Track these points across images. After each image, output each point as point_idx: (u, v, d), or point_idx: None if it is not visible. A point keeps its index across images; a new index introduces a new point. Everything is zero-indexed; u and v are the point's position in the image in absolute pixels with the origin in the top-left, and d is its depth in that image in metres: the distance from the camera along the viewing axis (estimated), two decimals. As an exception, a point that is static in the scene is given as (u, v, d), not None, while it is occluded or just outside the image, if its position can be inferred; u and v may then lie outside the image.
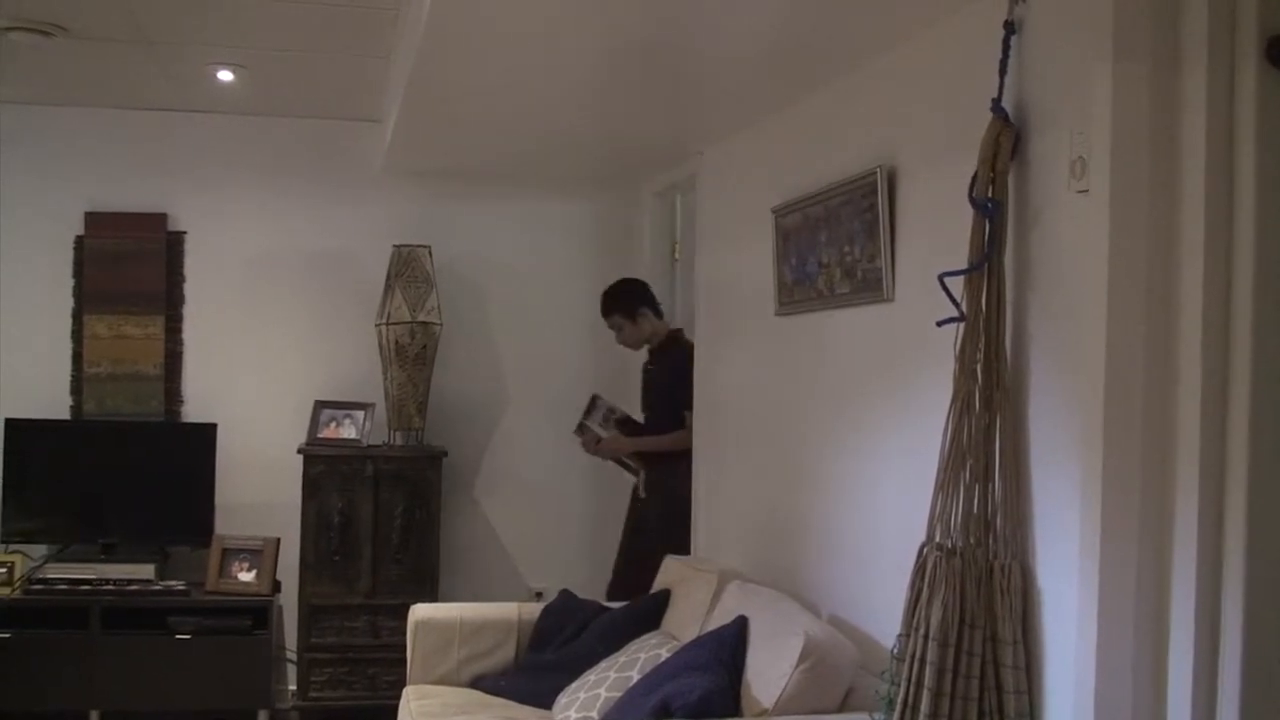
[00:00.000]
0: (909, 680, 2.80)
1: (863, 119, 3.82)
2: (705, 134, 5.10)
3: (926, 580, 2.83)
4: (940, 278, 2.89)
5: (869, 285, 3.66)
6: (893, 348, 3.56)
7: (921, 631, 2.79)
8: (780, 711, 3.28)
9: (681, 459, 5.49)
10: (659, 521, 5.54)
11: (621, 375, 6.35)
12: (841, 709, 3.32)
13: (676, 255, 6.20)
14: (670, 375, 5.57)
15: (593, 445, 5.70)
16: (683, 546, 5.35)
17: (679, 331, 5.71)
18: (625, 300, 5.65)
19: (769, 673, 3.39)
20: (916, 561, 2.88)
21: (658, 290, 6.20)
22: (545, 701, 4.20)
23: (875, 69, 3.73)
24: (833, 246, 3.90)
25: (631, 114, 4.78)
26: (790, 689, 3.28)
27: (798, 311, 4.27)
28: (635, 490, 5.72)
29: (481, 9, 3.46)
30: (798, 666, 3.28)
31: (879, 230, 3.56)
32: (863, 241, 3.68)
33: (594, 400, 5.79)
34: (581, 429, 5.72)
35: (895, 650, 2.91)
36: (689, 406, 5.45)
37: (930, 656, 2.75)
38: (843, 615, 3.79)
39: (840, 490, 3.90)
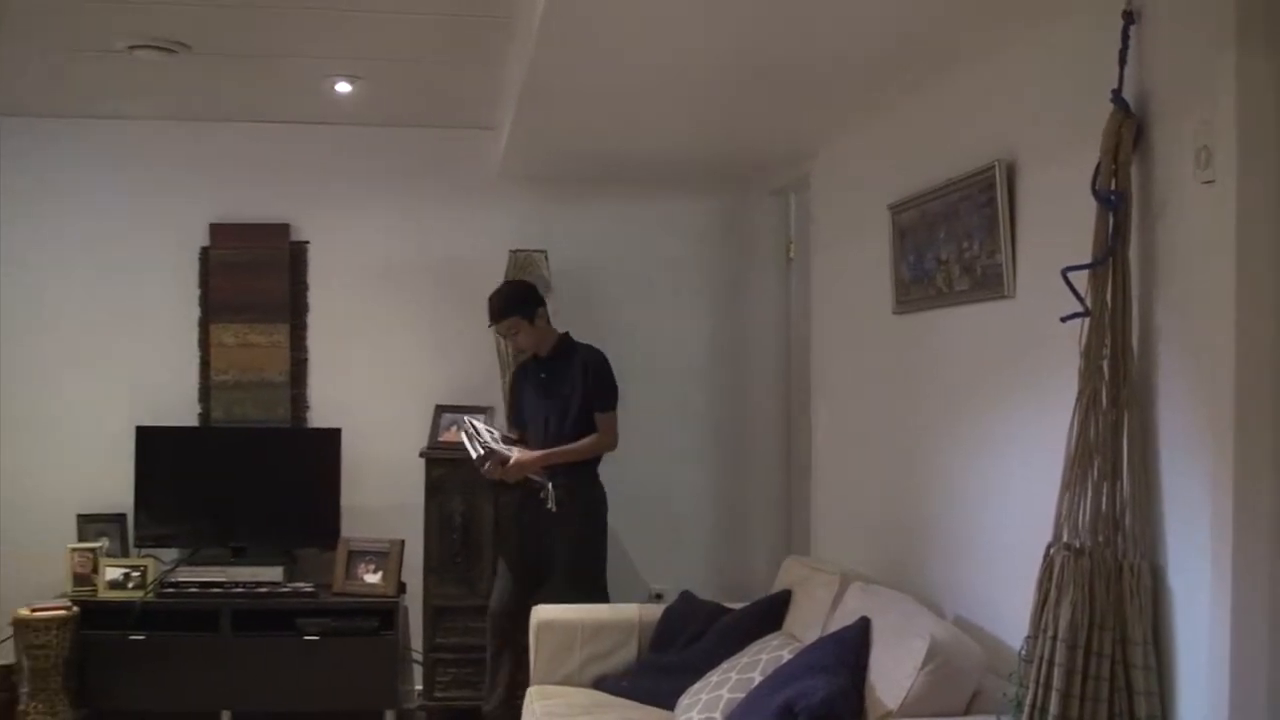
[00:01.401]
0: (1037, 682, 2.76)
1: (980, 113, 3.77)
2: (820, 132, 5.07)
3: (1054, 581, 2.78)
4: (1064, 273, 2.84)
5: (989, 282, 3.61)
6: (1015, 345, 3.50)
7: (1049, 633, 2.75)
8: (905, 714, 3.25)
9: (591, 465, 5.36)
10: (577, 533, 5.27)
11: (731, 375, 6.35)
12: (967, 712, 3.27)
13: (791, 255, 6.16)
14: (580, 379, 5.31)
15: (499, 469, 5.22)
16: (601, 557, 5.35)
17: (568, 334, 5.46)
18: (521, 302, 5.33)
19: (893, 675, 3.35)
20: (1043, 562, 2.84)
21: (773, 290, 6.19)
22: (667, 702, 4.20)
23: (992, 62, 3.67)
24: (951, 243, 3.86)
25: (746, 114, 4.77)
26: (915, 691, 3.25)
27: (916, 309, 4.22)
28: (535, 503, 5.27)
29: (594, 15, 3.47)
30: (922, 668, 3.24)
31: (999, 225, 3.51)
32: (982, 237, 3.63)
33: (472, 425, 5.32)
34: (486, 456, 5.19)
35: (1022, 652, 2.87)
36: (604, 409, 5.33)
37: (1059, 658, 2.71)
38: (968, 617, 3.74)
39: (963, 490, 3.86)
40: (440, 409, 6.04)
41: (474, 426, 5.29)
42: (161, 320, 6.14)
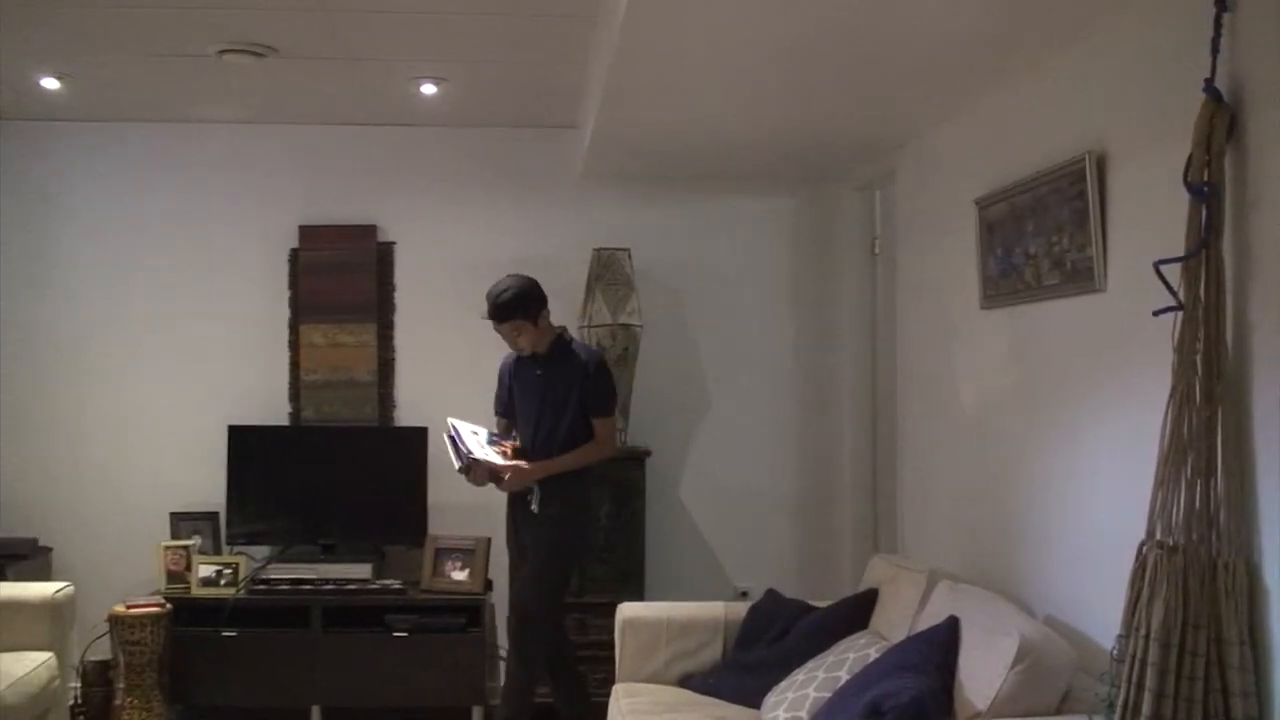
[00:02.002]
0: (1129, 682, 2.72)
1: (1068, 104, 3.72)
2: (906, 127, 5.03)
3: (1147, 579, 2.74)
4: (1156, 266, 2.80)
5: (1079, 275, 3.56)
6: (1106, 339, 3.46)
7: (1142, 632, 2.71)
8: (995, 714, 3.22)
9: (582, 470, 5.11)
10: (556, 537, 5.04)
11: (816, 372, 6.31)
12: (1059, 711, 3.24)
13: (876, 250, 6.12)
14: (580, 381, 5.04)
15: (484, 476, 5.02)
16: (570, 568, 5.22)
17: (564, 331, 5.18)
18: (527, 303, 4.99)
19: (982, 674, 3.32)
20: (1136, 560, 2.80)
21: (858, 286, 6.15)
22: (753, 700, 4.20)
23: (1080, 53, 3.63)
24: (1040, 236, 3.81)
25: (831, 109, 4.73)
26: (1005, 691, 3.22)
27: (1004, 304, 4.18)
28: (520, 506, 5.15)
29: (678, 10, 3.47)
30: (1012, 668, 3.21)
31: (1089, 218, 3.46)
32: (1072, 230, 3.59)
33: (455, 430, 5.06)
34: (468, 467, 4.97)
35: (1115, 651, 2.83)
36: (603, 413, 5.10)
37: (1152, 658, 2.67)
38: (1058, 615, 3.69)
39: (1053, 486, 3.81)
40: (525, 407, 6.08)
41: (457, 429, 5.05)
42: (253, 321, 6.24)
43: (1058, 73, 3.80)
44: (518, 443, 5.18)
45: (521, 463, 5.04)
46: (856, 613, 4.45)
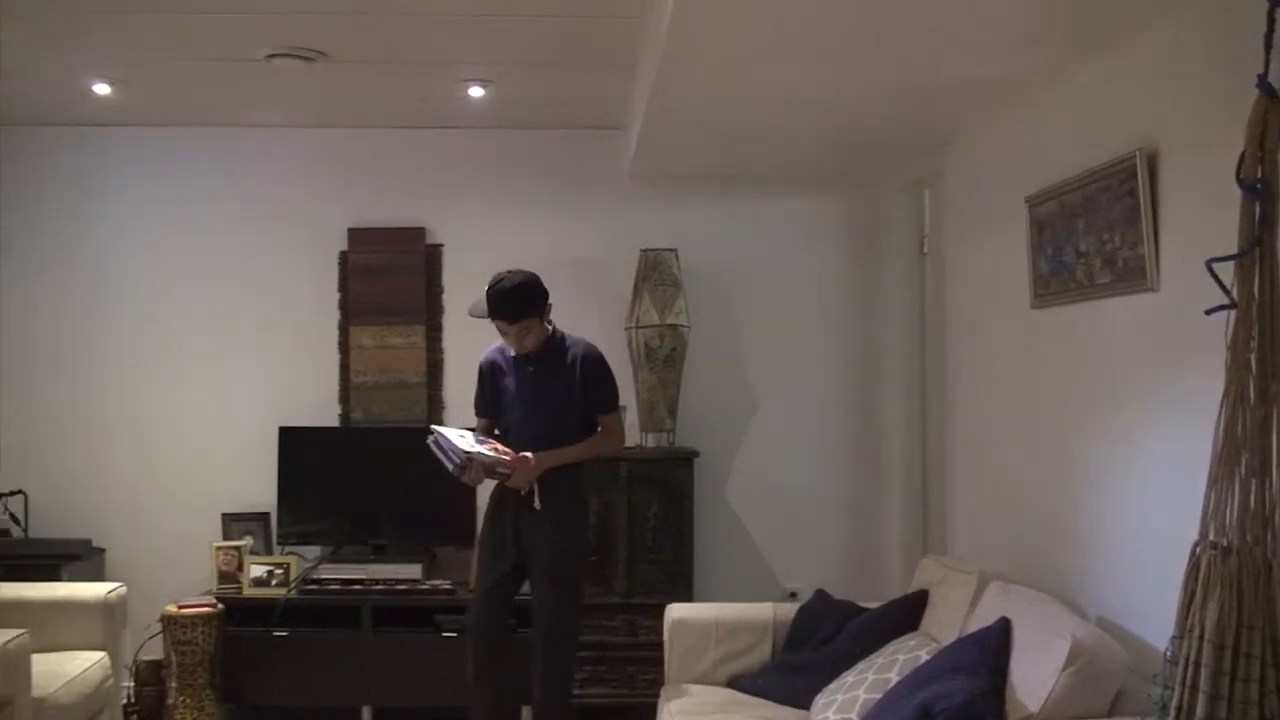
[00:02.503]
0: (1183, 684, 2.69)
1: (1119, 101, 3.69)
2: (954, 125, 5.00)
3: (1200, 580, 2.70)
4: (1208, 264, 2.77)
5: (1131, 274, 3.53)
6: (1158, 338, 3.43)
7: (1196, 633, 2.68)
8: (1047, 716, 3.20)
9: (576, 466, 4.80)
10: (572, 543, 4.78)
11: (864, 372, 6.29)
12: (1111, 714, 3.21)
13: (925, 250, 6.08)
14: (580, 376, 4.72)
15: (480, 473, 4.63)
16: (585, 562, 5.06)
17: (555, 326, 4.83)
18: (536, 301, 4.64)
19: (1034, 676, 3.30)
20: (1189, 560, 2.76)
21: (906, 285, 6.11)
22: (802, 702, 4.19)
23: (1131, 49, 3.59)
24: (1091, 235, 3.78)
25: (879, 108, 4.71)
26: (1057, 693, 3.20)
27: (1055, 303, 4.15)
28: (515, 501, 4.73)
29: (724, 13, 3.47)
30: (1064, 670, 3.19)
31: (1140, 216, 3.43)
32: (1123, 229, 3.56)
33: (440, 436, 4.68)
34: (465, 463, 4.58)
35: (1168, 653, 2.79)
36: (610, 409, 4.82)
37: (1205, 659, 2.63)
38: (1110, 617, 3.66)
39: (1104, 487, 3.78)
40: (573, 408, 6.09)
41: (442, 434, 4.67)
42: (303, 324, 6.30)
43: (1108, 70, 3.76)
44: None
45: (527, 454, 4.63)
46: (906, 614, 4.43)
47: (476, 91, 5.51)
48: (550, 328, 4.77)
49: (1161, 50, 3.42)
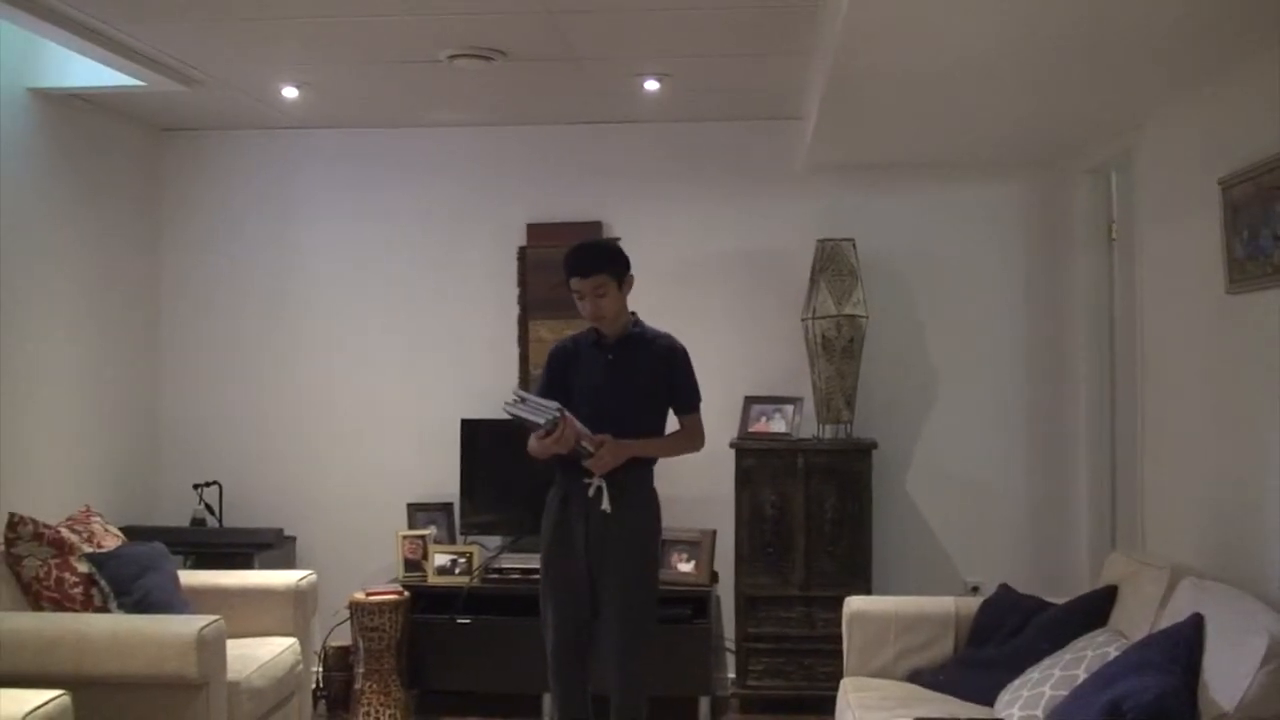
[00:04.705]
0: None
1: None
2: (1144, 105, 4.83)
3: None
4: None
5: (1333, 257, 3.39)
6: (1363, 323, 3.27)
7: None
8: (1243, 714, 3.10)
9: (648, 464, 4.53)
10: (649, 544, 4.54)
11: (1049, 362, 6.14)
12: (1312, 714, 3.09)
13: (1113, 235, 5.89)
14: (665, 372, 4.53)
15: (574, 436, 4.23)
16: (658, 573, 4.71)
17: (636, 315, 4.63)
18: (618, 258, 4.45)
19: (1229, 674, 3.19)
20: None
21: (1093, 273, 5.93)
22: (986, 698, 4.11)
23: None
24: (1290, 217, 3.63)
25: (1066, 89, 4.58)
26: (1254, 691, 3.09)
27: (1252, 289, 3.99)
28: (582, 507, 4.45)
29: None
30: (1262, 667, 3.09)
31: (1343, 197, 3.29)
32: (1324, 210, 3.41)
33: (520, 394, 4.39)
34: (555, 419, 4.18)
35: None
36: (693, 409, 4.61)
37: None
38: (1312, 614, 3.52)
39: (1305, 479, 3.63)
40: (749, 400, 6.09)
41: (522, 393, 4.38)
42: (483, 318, 6.43)
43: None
44: None
45: (608, 437, 4.32)
46: (1094, 610, 4.31)
47: (652, 85, 5.53)
48: (632, 315, 4.59)
49: (1367, 21, 3.27)
